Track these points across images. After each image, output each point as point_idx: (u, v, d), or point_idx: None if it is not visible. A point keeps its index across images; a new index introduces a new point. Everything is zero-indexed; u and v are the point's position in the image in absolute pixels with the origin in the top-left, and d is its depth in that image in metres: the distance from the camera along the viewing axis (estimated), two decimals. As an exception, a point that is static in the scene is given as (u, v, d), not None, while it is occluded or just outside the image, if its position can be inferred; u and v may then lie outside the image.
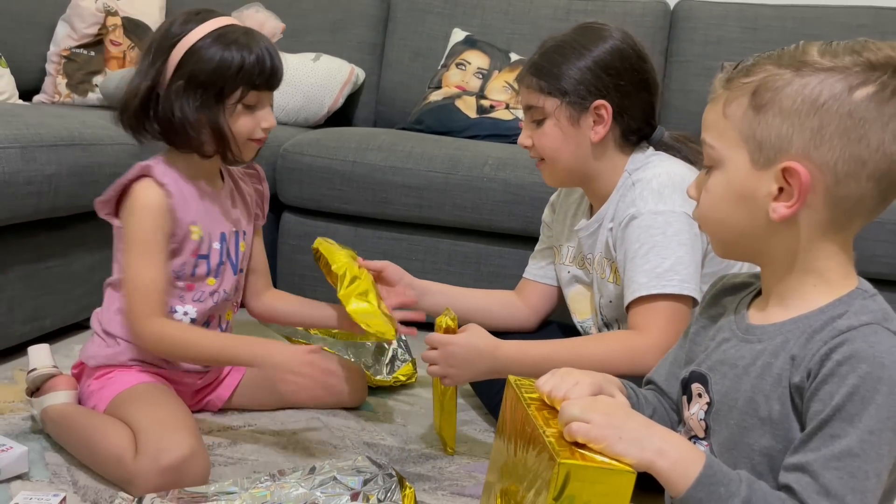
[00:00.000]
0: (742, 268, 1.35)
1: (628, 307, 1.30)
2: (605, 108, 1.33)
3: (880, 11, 2.38)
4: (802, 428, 0.79)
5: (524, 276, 1.61)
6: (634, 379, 1.01)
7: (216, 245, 1.38)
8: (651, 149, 1.39)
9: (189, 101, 1.28)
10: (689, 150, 1.39)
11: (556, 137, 1.35)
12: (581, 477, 0.73)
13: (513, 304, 1.59)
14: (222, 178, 1.42)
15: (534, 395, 0.88)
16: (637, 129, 1.37)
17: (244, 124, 1.31)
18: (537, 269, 1.59)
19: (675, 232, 1.26)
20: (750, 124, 0.80)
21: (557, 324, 1.61)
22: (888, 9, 2.41)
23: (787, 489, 0.76)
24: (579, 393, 0.85)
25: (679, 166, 1.34)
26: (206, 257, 1.36)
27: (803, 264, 0.83)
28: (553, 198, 1.59)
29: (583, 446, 0.77)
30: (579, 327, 1.49)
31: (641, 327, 1.26)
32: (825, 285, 0.82)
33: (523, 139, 1.39)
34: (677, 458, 0.77)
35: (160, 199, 1.30)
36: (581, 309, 1.48)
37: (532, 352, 1.30)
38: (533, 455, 0.80)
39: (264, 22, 1.37)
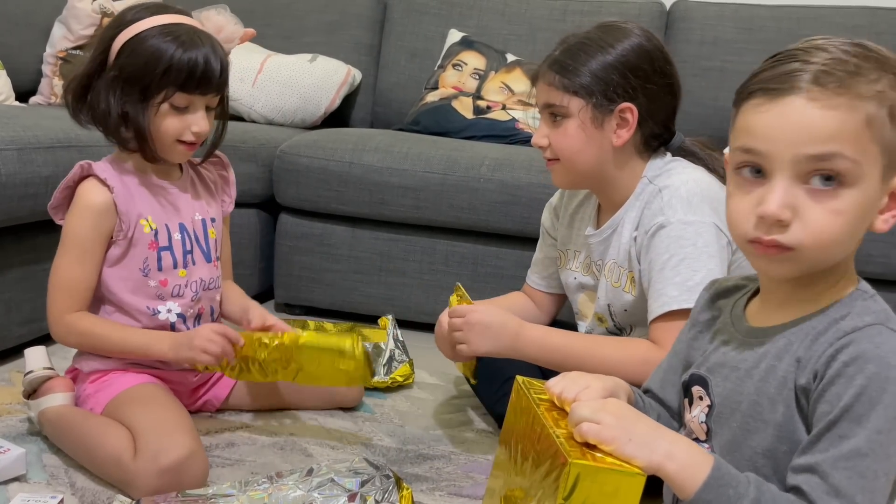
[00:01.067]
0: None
1: (654, 318, 1.25)
2: (630, 111, 1.28)
3: (876, 12, 2.38)
4: (807, 429, 0.79)
5: (529, 284, 1.60)
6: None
7: (177, 236, 1.36)
8: (669, 154, 1.35)
9: (116, 94, 1.27)
10: (708, 157, 1.35)
11: (579, 139, 1.29)
12: (591, 478, 0.73)
13: (528, 308, 1.58)
14: (181, 170, 1.41)
15: (543, 397, 0.88)
16: (659, 135, 1.33)
17: (171, 125, 1.28)
18: (541, 280, 1.57)
19: (706, 243, 1.22)
20: (890, 137, 0.76)
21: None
22: (884, 9, 2.42)
23: (796, 490, 0.76)
24: (590, 396, 0.85)
25: (702, 174, 1.31)
26: (169, 248, 1.35)
27: (842, 266, 0.82)
28: (554, 201, 1.54)
29: (593, 448, 0.77)
30: (583, 331, 1.47)
31: (664, 342, 1.21)
32: (827, 286, 0.82)
33: (539, 139, 1.33)
34: (686, 461, 0.77)
35: (102, 198, 1.29)
36: (585, 312, 1.45)
37: (554, 339, 1.30)
38: (541, 456, 0.80)
39: (223, 26, 1.36)
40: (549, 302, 1.58)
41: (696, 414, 0.90)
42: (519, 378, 0.94)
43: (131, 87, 1.26)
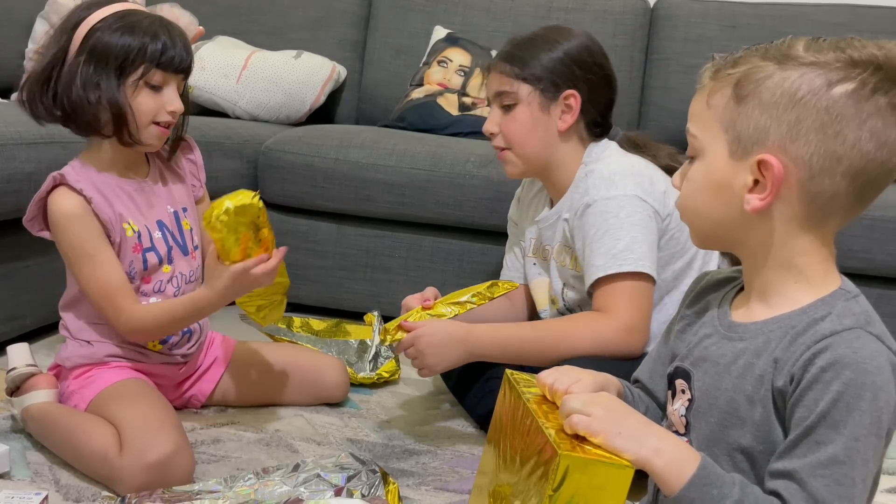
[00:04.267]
0: (698, 253, 1.38)
1: (590, 292, 1.34)
2: (574, 97, 1.38)
3: (857, 9, 2.41)
4: (784, 431, 0.79)
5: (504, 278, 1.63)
6: (610, 362, 1.03)
7: (157, 234, 1.35)
8: (608, 142, 1.44)
9: (90, 76, 1.26)
10: (646, 148, 1.45)
11: (526, 123, 1.39)
12: (581, 469, 0.74)
13: (503, 307, 1.58)
14: (148, 163, 1.40)
15: (532, 390, 0.89)
16: (599, 124, 1.43)
17: (146, 103, 1.28)
18: (513, 272, 1.61)
19: (628, 214, 1.31)
20: (731, 115, 0.81)
21: None
22: (865, 7, 2.44)
23: (775, 495, 0.77)
24: (580, 389, 0.86)
25: (633, 158, 1.41)
26: (153, 248, 1.34)
27: (780, 259, 0.83)
28: (518, 192, 1.63)
29: (582, 441, 0.78)
30: (541, 316, 1.53)
31: (604, 308, 1.31)
32: (806, 283, 0.82)
33: (490, 126, 1.43)
34: (673, 457, 0.77)
35: (79, 204, 1.27)
36: (540, 299, 1.52)
37: (502, 332, 1.35)
38: (531, 449, 0.81)
39: (179, 17, 1.37)
40: (524, 296, 1.60)
41: (677, 407, 0.90)
42: (508, 371, 0.94)
43: (106, 67, 1.25)
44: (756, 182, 0.80)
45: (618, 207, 1.32)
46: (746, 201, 0.81)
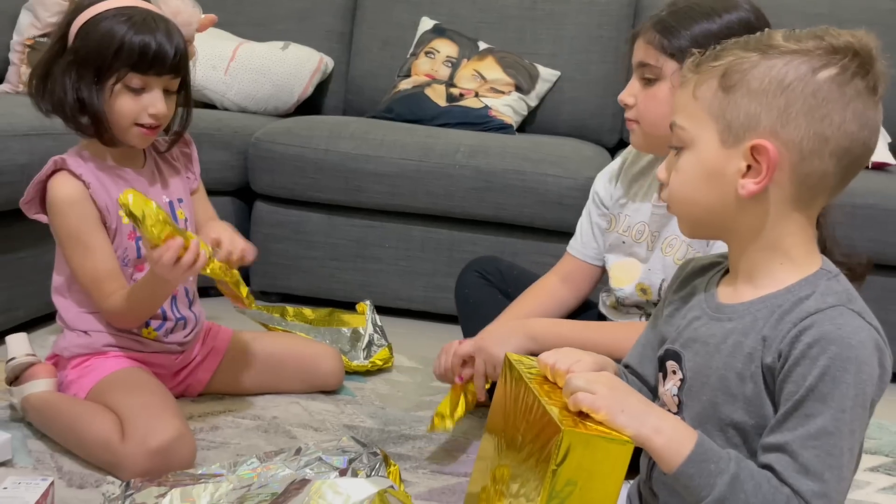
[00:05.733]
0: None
1: None
2: None
3: (836, 0, 2.45)
4: (774, 405, 0.83)
5: (571, 252, 1.51)
6: None
7: None
8: None
9: (72, 77, 1.27)
10: None
11: (667, 104, 1.24)
12: (584, 445, 0.77)
13: (559, 296, 1.51)
14: (145, 156, 1.40)
15: (533, 372, 0.91)
16: None
17: (125, 106, 1.27)
18: (589, 250, 1.50)
19: None
20: (720, 105, 0.84)
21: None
22: (844, -2, 2.48)
23: (768, 468, 0.80)
24: (582, 369, 0.89)
25: None
26: None
27: (769, 241, 0.86)
28: (615, 166, 1.49)
29: (584, 419, 0.80)
30: (613, 295, 1.44)
31: None
32: (791, 264, 0.86)
33: (625, 97, 1.32)
34: (672, 435, 0.80)
35: (78, 190, 1.29)
36: (622, 278, 1.42)
37: (564, 329, 1.34)
38: (532, 427, 0.83)
39: (181, 9, 1.36)
40: (588, 277, 1.51)
41: (669, 387, 0.93)
42: (509, 354, 0.97)
43: (86, 70, 1.26)
44: (748, 167, 0.83)
45: None
46: (741, 186, 0.83)
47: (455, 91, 2.39)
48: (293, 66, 2.47)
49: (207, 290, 1.79)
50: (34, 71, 1.31)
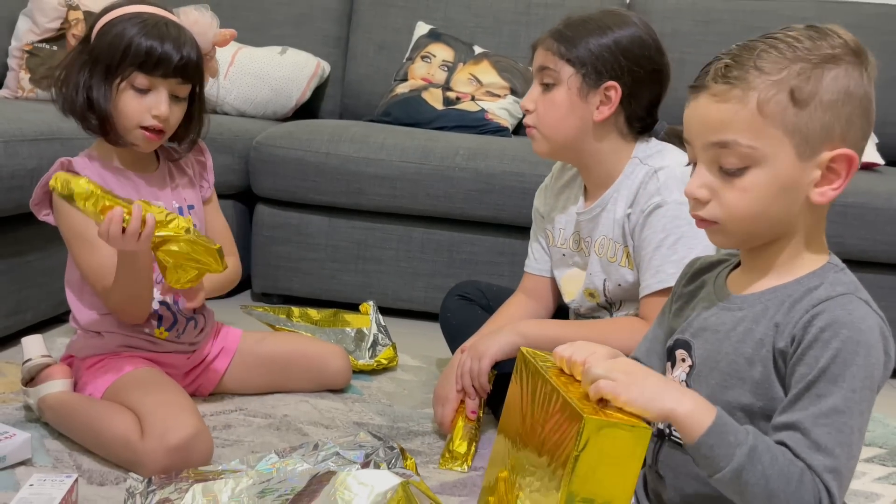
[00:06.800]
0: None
1: (649, 293, 1.33)
2: (615, 89, 1.34)
3: (823, 5, 2.51)
4: (784, 388, 0.87)
5: (528, 271, 1.59)
6: None
7: None
8: (654, 139, 1.42)
9: (84, 76, 1.30)
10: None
11: (563, 108, 1.36)
12: (604, 432, 0.80)
13: (531, 309, 1.57)
14: (157, 161, 1.43)
15: (548, 364, 0.94)
16: (641, 118, 1.39)
17: (130, 106, 1.30)
18: (542, 264, 1.57)
19: None
20: (794, 120, 0.85)
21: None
22: (831, 2, 2.54)
23: (781, 445, 0.84)
24: (597, 359, 0.92)
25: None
26: None
27: (806, 238, 0.90)
28: (547, 181, 1.59)
29: (603, 406, 0.84)
30: (570, 308, 1.52)
31: (651, 317, 1.22)
32: (802, 259, 0.91)
33: (527, 102, 1.40)
34: (692, 407, 0.84)
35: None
36: (570, 290, 1.50)
37: (550, 330, 1.38)
38: (551, 417, 0.86)
39: (197, 20, 1.38)
40: (549, 289, 1.57)
41: (678, 374, 0.97)
42: (523, 349, 1.00)
43: (97, 68, 1.30)
44: (822, 175, 0.87)
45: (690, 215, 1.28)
46: (820, 194, 0.87)
47: (451, 95, 2.43)
48: (291, 70, 2.50)
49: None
50: (56, 69, 1.34)
